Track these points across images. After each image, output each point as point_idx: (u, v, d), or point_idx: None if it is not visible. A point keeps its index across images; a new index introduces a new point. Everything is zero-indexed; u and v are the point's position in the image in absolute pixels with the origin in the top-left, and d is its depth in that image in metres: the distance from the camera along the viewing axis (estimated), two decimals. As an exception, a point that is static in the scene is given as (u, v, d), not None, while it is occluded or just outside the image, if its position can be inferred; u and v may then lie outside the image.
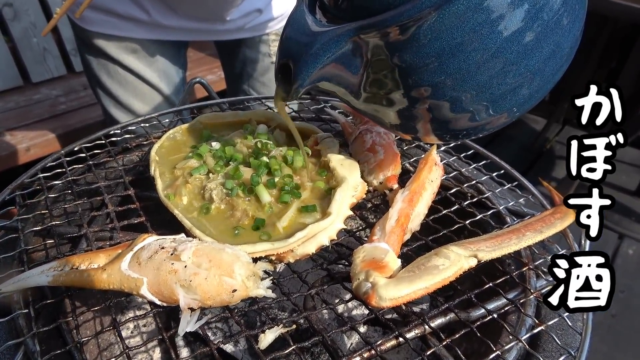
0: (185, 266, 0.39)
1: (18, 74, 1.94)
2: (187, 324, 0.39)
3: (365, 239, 0.53)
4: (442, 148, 0.71)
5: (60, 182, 0.57)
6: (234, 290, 0.39)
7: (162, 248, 0.41)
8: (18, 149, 1.63)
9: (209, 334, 0.54)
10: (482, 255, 0.48)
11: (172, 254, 0.40)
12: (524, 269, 0.51)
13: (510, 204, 0.61)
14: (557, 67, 0.43)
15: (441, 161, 0.65)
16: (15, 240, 0.49)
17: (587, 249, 0.54)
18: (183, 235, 0.44)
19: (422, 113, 0.44)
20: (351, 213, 0.50)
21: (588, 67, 2.61)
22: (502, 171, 0.67)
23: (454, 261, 0.46)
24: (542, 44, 0.40)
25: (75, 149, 0.63)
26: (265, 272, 0.43)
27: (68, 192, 0.56)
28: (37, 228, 0.50)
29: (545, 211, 0.57)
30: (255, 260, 0.43)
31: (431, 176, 0.59)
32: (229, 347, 0.52)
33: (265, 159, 0.52)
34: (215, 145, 0.55)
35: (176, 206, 0.48)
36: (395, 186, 0.59)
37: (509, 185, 0.64)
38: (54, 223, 0.50)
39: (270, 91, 1.20)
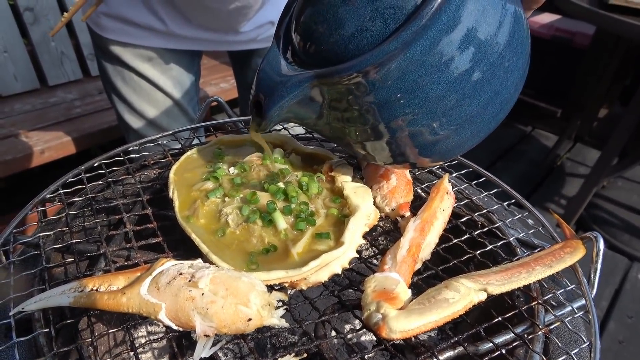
0: (203, 294, 0.40)
1: (35, 77, 1.98)
2: (203, 349, 0.40)
3: (376, 264, 0.53)
4: (454, 174, 0.72)
5: (80, 199, 0.59)
6: (249, 320, 0.40)
7: (181, 274, 0.42)
8: (33, 151, 1.66)
9: (220, 354, 0.55)
10: (492, 290, 0.49)
11: (189, 281, 0.41)
12: (533, 303, 0.51)
13: (521, 235, 0.61)
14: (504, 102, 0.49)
15: (453, 188, 0.66)
16: (37, 257, 0.50)
17: (596, 283, 0.55)
18: (200, 260, 0.46)
19: (379, 146, 0.50)
20: (364, 242, 0.51)
21: (602, 84, 2.60)
22: (513, 200, 0.68)
23: (464, 295, 0.47)
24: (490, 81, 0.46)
25: (95, 164, 0.65)
26: (278, 300, 0.44)
27: (87, 209, 0.57)
28: (58, 245, 0.51)
29: (555, 244, 0.57)
30: (269, 287, 0.44)
31: (442, 205, 0.60)
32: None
33: (281, 184, 0.53)
34: (232, 170, 0.56)
35: (193, 228, 0.49)
36: (408, 214, 0.60)
37: (519, 215, 0.65)
38: (74, 240, 0.52)
39: None
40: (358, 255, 0.51)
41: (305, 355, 0.43)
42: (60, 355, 0.43)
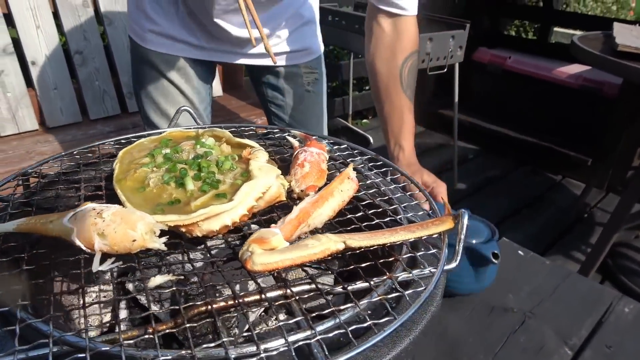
0: (103, 220, 0.53)
1: (79, 111, 2.26)
2: (97, 263, 0.52)
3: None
4: (374, 172, 0.83)
5: (52, 172, 0.74)
6: (134, 240, 0.52)
7: (93, 209, 0.55)
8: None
9: (143, 299, 0.66)
10: (351, 243, 0.58)
11: (98, 213, 0.55)
12: (391, 259, 0.60)
13: (410, 214, 0.71)
14: None
15: (368, 180, 0.77)
16: (5, 209, 0.66)
17: (459, 253, 0.62)
18: (117, 205, 0.59)
19: None
20: (255, 204, 0.63)
21: (633, 133, 2.58)
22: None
23: (323, 243, 0.57)
24: None
25: (75, 152, 0.81)
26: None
27: (56, 180, 0.73)
28: (22, 200, 0.67)
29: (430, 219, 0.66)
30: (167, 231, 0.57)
31: (342, 187, 0.70)
32: (129, 286, 0.65)
33: (197, 160, 0.67)
34: (166, 151, 0.71)
35: (120, 186, 0.63)
36: (312, 194, 0.71)
37: (417, 201, 0.74)
38: (36, 198, 0.67)
39: (306, 121, 1.50)
40: (248, 213, 0.62)
41: (182, 277, 0.54)
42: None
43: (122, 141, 0.86)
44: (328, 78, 1.58)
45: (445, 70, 2.72)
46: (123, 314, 0.58)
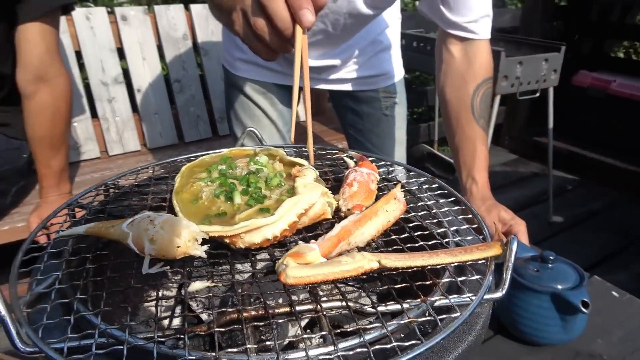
0: (154, 227, 0.58)
1: (175, 135, 2.47)
2: (147, 267, 0.57)
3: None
4: (428, 193, 0.81)
5: (126, 185, 0.83)
6: (178, 247, 0.56)
7: (148, 217, 0.61)
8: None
9: (193, 304, 0.71)
10: (385, 262, 0.57)
11: (150, 220, 0.60)
12: (428, 282, 0.58)
13: (457, 238, 0.68)
14: None
15: (424, 202, 0.76)
16: (83, 215, 0.74)
17: (507, 281, 0.59)
18: (169, 214, 0.64)
19: None
20: (297, 219, 0.65)
21: None
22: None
23: (356, 260, 0.57)
24: None
25: (149, 167, 0.89)
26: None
27: (129, 191, 0.81)
28: (98, 207, 0.75)
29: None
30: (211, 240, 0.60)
31: (387, 207, 0.70)
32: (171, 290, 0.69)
33: (247, 176, 0.70)
34: (222, 167, 0.75)
35: (176, 198, 0.68)
36: (358, 212, 0.72)
37: (467, 226, 0.71)
38: (109, 206, 0.75)
39: (382, 146, 1.51)
40: (289, 228, 0.64)
41: (220, 284, 0.57)
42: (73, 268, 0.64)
43: (192, 158, 0.94)
44: (414, 103, 1.59)
45: (538, 95, 2.58)
46: (166, 313, 0.62)
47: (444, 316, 0.53)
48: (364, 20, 1.21)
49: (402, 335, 0.55)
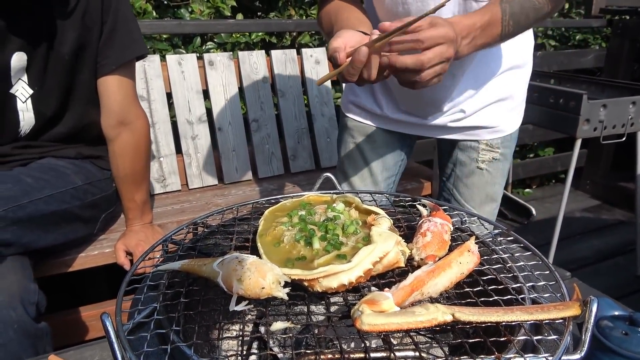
0: (242, 269, 0.64)
1: (250, 170, 2.59)
2: (234, 305, 0.63)
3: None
4: (504, 246, 0.81)
5: (214, 224, 0.90)
6: (263, 288, 0.61)
7: (236, 258, 0.67)
8: (234, 223, 2.17)
9: (271, 342, 0.75)
10: (459, 316, 0.59)
11: (239, 262, 0.66)
12: (503, 338, 0.58)
13: (534, 295, 0.67)
14: None
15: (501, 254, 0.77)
16: (177, 251, 0.82)
17: (587, 343, 0.58)
18: (255, 257, 0.70)
19: None
20: (372, 267, 0.68)
21: None
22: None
23: (430, 312, 0.59)
24: None
25: (234, 207, 0.97)
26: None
27: (216, 231, 0.88)
28: (189, 244, 0.82)
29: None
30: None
31: (461, 259, 0.71)
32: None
33: (326, 222, 0.75)
34: (302, 212, 0.81)
35: (261, 240, 0.74)
36: (431, 262, 0.73)
37: (544, 282, 0.70)
38: (199, 244, 0.82)
39: (470, 198, 1.45)
40: (364, 275, 0.67)
41: (299, 325, 0.61)
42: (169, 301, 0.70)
43: (272, 201, 1.00)
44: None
45: (624, 139, 2.45)
46: (249, 349, 0.67)
47: (518, 375, 0.53)
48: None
49: (475, 391, 0.55)
